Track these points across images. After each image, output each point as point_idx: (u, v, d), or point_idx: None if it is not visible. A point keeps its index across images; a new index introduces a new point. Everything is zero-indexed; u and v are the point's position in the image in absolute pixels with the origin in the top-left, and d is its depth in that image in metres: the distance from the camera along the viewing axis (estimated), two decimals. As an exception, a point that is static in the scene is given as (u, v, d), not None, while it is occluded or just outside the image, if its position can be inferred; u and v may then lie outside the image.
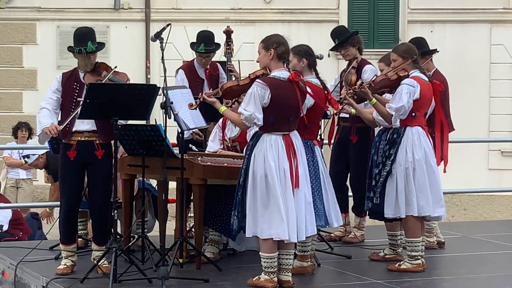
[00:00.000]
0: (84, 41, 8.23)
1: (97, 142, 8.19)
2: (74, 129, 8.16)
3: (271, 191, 7.53)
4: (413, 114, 8.44)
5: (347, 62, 9.74)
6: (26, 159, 12.40)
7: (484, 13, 20.18)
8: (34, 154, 12.16)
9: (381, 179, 8.51)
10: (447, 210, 12.93)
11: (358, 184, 9.49)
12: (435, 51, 9.79)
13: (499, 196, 19.79)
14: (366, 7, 20.56)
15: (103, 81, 8.17)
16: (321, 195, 8.12)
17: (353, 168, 9.66)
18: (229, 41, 9.63)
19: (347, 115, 9.45)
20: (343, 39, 9.65)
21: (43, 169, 13.44)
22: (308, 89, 7.88)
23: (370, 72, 9.35)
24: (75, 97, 8.19)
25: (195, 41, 9.81)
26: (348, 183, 9.87)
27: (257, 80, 7.66)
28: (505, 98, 20.29)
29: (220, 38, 9.71)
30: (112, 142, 8.16)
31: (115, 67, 8.35)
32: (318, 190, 8.08)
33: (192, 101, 8.21)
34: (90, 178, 8.29)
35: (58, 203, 8.70)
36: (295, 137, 7.74)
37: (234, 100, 8.23)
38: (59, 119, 8.26)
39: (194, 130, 9.26)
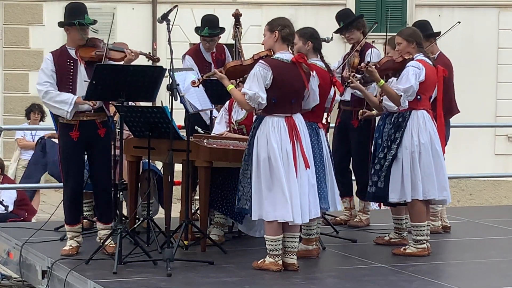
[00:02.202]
0: (80, 15, 8.16)
1: (98, 121, 8.19)
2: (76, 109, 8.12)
3: (274, 173, 7.56)
4: (419, 97, 8.44)
5: (351, 45, 9.73)
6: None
7: (493, -3, 20.20)
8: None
9: (386, 163, 8.50)
10: (453, 195, 12.99)
11: (361, 168, 9.49)
12: (439, 33, 9.77)
13: (505, 182, 19.81)
14: (373, -10, 20.59)
15: (105, 51, 8.12)
16: (325, 177, 8.12)
17: (355, 153, 9.64)
18: (237, 24, 9.62)
19: (348, 99, 9.43)
20: (348, 22, 9.63)
21: None
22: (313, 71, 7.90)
23: (374, 55, 9.32)
24: (70, 74, 8.13)
25: (199, 25, 9.80)
26: (350, 167, 9.86)
27: (260, 61, 7.69)
28: (511, 83, 20.30)
29: (228, 21, 9.70)
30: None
31: (108, 42, 8.27)
32: (323, 173, 8.08)
33: (196, 79, 8.23)
34: (93, 158, 8.27)
35: (61, 184, 8.69)
36: (298, 119, 7.76)
37: (238, 81, 8.23)
38: None
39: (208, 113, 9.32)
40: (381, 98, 8.70)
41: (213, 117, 9.36)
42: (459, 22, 10.03)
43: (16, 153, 15.33)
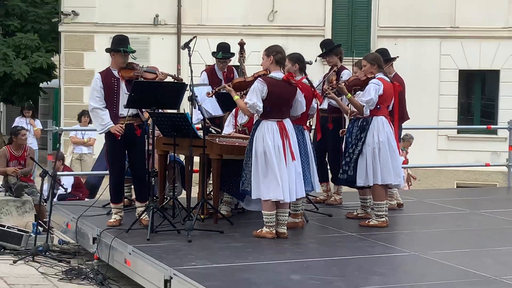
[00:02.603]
0: (124, 44, 8.17)
1: (136, 124, 8.17)
2: (119, 115, 8.10)
3: (269, 163, 7.56)
4: (378, 106, 8.44)
5: (330, 67, 9.71)
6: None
7: (436, 30, 20.15)
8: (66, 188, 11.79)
9: (354, 156, 8.51)
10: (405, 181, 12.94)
11: (335, 160, 9.44)
12: (395, 58, 9.73)
13: (445, 170, 19.81)
14: (345, 25, 20.56)
15: (140, 72, 8.10)
16: (309, 167, 8.14)
17: (330, 148, 9.57)
18: (242, 50, 9.59)
19: (326, 107, 9.43)
20: (329, 49, 9.61)
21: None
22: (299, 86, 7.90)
23: (347, 75, 9.29)
24: (115, 89, 8.11)
25: (215, 50, 9.79)
26: (326, 159, 9.83)
27: (259, 78, 7.71)
28: (451, 95, 20.33)
29: (234, 48, 9.70)
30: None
31: (143, 65, 8.28)
32: (307, 163, 8.10)
33: (210, 91, 8.27)
34: (132, 152, 8.24)
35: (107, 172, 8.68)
36: (288, 123, 7.76)
37: (242, 93, 8.23)
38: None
39: (200, 117, 9.30)
40: (352, 109, 8.71)
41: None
42: (398, 56, 9.97)
43: (70, 148, 15.32)
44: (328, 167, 9.77)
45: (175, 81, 8.73)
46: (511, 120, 13.02)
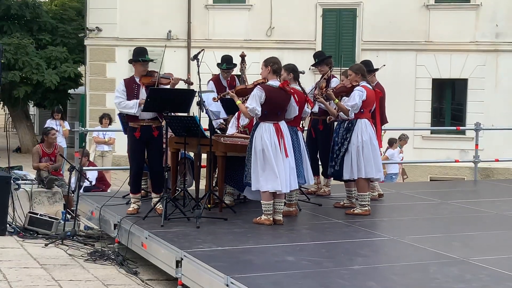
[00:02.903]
0: (143, 55, 8.18)
1: (154, 126, 8.17)
2: (140, 118, 8.12)
3: (267, 159, 7.55)
4: (362, 110, 8.43)
5: (321, 75, 9.70)
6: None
7: (412, 44, 20.15)
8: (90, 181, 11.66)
9: (340, 153, 8.50)
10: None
11: (325, 157, 9.42)
12: (377, 69, 9.74)
13: (420, 166, 19.80)
14: (334, 39, 20.55)
15: (157, 78, 8.10)
16: (301, 162, 8.12)
17: (321, 147, 9.55)
18: (243, 61, 9.59)
19: (317, 111, 9.42)
20: (321, 59, 9.59)
21: None
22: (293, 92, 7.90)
23: (335, 82, 9.28)
24: (135, 93, 8.12)
25: (220, 61, 9.78)
26: (318, 156, 9.83)
27: (258, 86, 7.70)
28: (425, 101, 20.33)
29: (237, 59, 9.69)
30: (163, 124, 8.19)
31: (160, 72, 8.25)
32: (300, 159, 8.08)
33: (215, 97, 8.26)
34: (150, 150, 8.24)
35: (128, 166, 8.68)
36: (283, 125, 7.75)
37: (243, 99, 8.23)
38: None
39: (220, 122, 9.30)
40: (339, 112, 8.70)
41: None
42: (384, 65, 9.98)
43: (93, 146, 15.33)
44: (320, 163, 9.77)
45: (186, 83, 8.75)
46: (477, 122, 13.06)
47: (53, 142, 11.36)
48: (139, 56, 8.16)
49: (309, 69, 9.16)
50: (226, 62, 9.67)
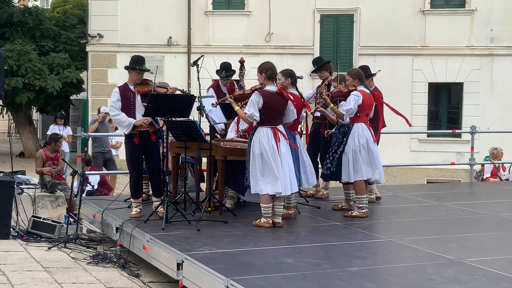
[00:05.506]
0: (141, 63, 8.15)
1: (151, 131, 8.15)
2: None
3: (266, 163, 7.55)
4: (358, 114, 8.42)
5: (322, 80, 9.68)
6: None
7: (409, 49, 20.22)
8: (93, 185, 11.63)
9: (336, 156, 8.50)
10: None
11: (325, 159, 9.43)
12: (375, 74, 9.73)
13: (417, 169, 19.83)
14: (331, 44, 20.60)
15: (153, 87, 8.07)
16: (298, 166, 8.11)
17: (322, 150, 9.56)
18: (242, 67, 9.59)
19: (319, 115, 9.41)
20: (320, 65, 9.59)
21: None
22: (291, 97, 7.90)
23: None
24: (131, 102, 8.09)
25: (219, 68, 9.79)
26: (318, 159, 9.82)
27: (255, 91, 7.71)
28: (421, 104, 20.39)
29: (236, 65, 9.70)
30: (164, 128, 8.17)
31: (156, 82, 8.22)
32: (297, 163, 8.07)
33: (214, 102, 8.26)
34: (149, 155, 8.22)
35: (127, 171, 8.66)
36: (281, 129, 7.75)
37: (242, 104, 8.23)
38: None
39: (221, 127, 9.31)
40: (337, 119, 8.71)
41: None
42: (380, 70, 9.99)
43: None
44: (320, 166, 9.77)
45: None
46: (473, 125, 13.08)
47: (58, 149, 11.38)
48: (137, 65, 8.13)
49: (310, 75, 9.17)
50: (225, 70, 9.66)
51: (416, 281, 5.73)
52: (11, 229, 9.13)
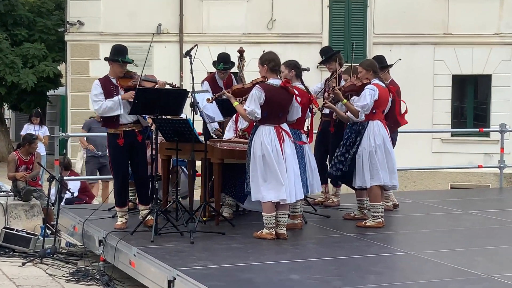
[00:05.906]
0: (123, 54, 8.14)
1: (137, 130, 8.15)
2: (120, 122, 8.08)
3: (268, 166, 7.54)
4: (374, 111, 8.42)
5: (330, 72, 9.67)
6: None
7: (430, 37, 20.20)
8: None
9: (348, 156, 8.50)
10: (401, 183, 12.99)
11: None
12: (391, 65, 9.69)
13: (439, 172, 19.84)
14: (342, 32, 20.59)
15: (138, 81, 8.05)
16: (305, 169, 8.12)
17: (332, 151, 9.58)
18: (241, 58, 9.59)
19: (328, 112, 9.41)
20: (328, 55, 9.58)
21: None
22: (296, 92, 7.90)
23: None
24: (113, 96, 8.08)
25: (215, 59, 9.79)
26: (327, 162, 9.82)
27: (257, 85, 7.70)
28: (444, 100, 20.37)
29: (234, 56, 9.70)
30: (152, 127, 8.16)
31: (141, 74, 8.15)
32: (303, 166, 8.07)
33: (210, 97, 8.27)
34: (135, 157, 8.20)
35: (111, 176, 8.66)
36: (285, 127, 7.75)
37: (241, 99, 8.23)
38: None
39: (216, 128, 9.32)
40: (348, 114, 8.70)
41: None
42: (400, 59, 9.98)
43: (80, 153, 15.27)
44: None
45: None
46: (502, 123, 13.06)
47: (33, 151, 11.39)
48: (118, 56, 8.11)
49: (317, 67, 9.17)
50: (223, 62, 9.66)
51: (439, 299, 5.74)
52: (-20, 242, 9.15)
